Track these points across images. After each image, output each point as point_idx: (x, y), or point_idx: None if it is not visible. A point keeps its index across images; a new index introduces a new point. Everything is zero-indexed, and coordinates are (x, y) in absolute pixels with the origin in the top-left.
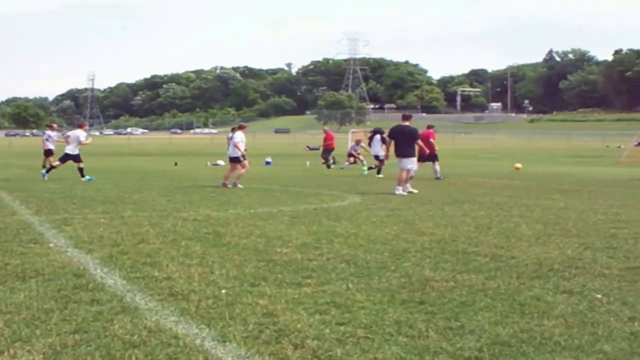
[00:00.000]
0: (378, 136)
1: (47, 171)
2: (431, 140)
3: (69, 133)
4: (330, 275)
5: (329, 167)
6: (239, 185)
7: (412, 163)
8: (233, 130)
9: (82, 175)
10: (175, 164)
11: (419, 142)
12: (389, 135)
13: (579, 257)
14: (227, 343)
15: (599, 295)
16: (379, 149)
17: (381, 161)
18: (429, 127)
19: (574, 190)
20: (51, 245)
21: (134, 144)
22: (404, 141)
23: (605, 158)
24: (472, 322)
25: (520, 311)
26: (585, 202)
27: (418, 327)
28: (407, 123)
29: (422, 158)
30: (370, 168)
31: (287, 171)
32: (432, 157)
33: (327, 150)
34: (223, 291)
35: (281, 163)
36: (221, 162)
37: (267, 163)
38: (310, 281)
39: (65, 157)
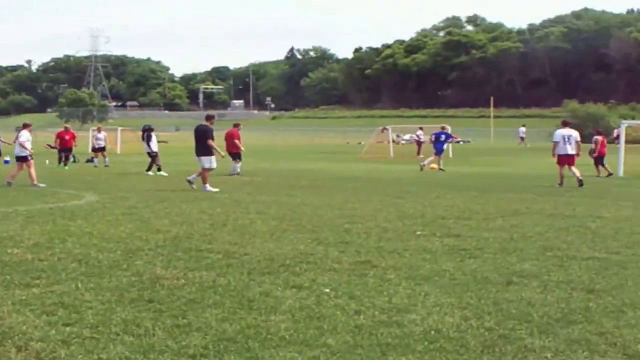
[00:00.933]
0: (151, 133)
1: None
2: (235, 140)
3: None
4: (61, 275)
5: (65, 165)
6: (41, 185)
7: (208, 162)
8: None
9: None
10: None
11: (210, 141)
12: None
13: (311, 252)
14: None
15: (327, 290)
16: (154, 145)
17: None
18: (235, 125)
19: (312, 186)
20: None
21: None
22: (199, 140)
23: (346, 154)
24: (200, 319)
25: (249, 307)
26: (323, 198)
27: (145, 326)
28: (207, 123)
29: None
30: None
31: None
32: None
33: (65, 149)
34: None
35: None
36: None
37: (6, 162)
38: (40, 282)
39: None
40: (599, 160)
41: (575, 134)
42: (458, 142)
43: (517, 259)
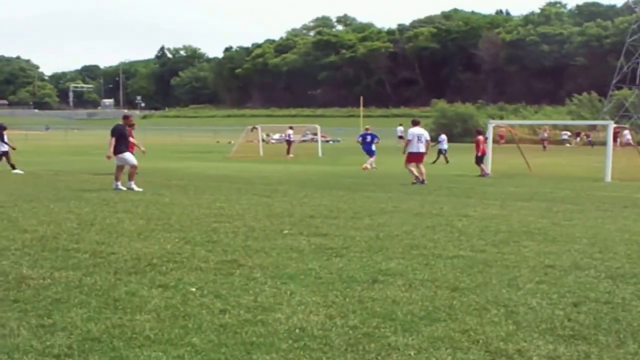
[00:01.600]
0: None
1: None
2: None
3: None
4: None
5: None
6: None
7: (132, 159)
8: None
9: None
10: None
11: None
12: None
13: (178, 252)
14: None
15: (194, 289)
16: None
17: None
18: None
19: (181, 185)
20: None
21: None
22: (119, 139)
23: (216, 154)
24: (65, 319)
25: (115, 306)
26: (191, 197)
27: (10, 326)
28: (123, 122)
29: None
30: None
31: None
32: None
33: None
34: None
35: None
36: None
37: None
38: None
39: None
40: (479, 159)
41: (426, 134)
42: (327, 141)
43: (383, 257)
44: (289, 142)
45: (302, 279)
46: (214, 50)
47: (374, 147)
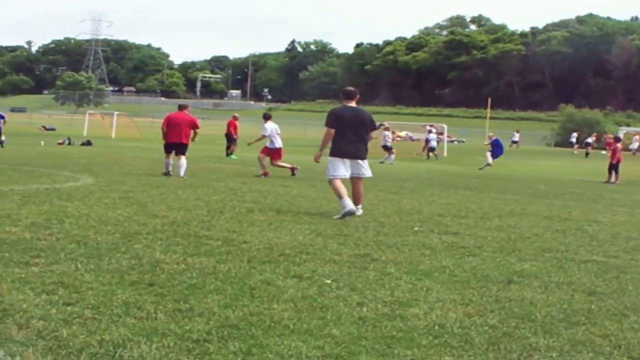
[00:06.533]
0: None
1: None
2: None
3: None
4: (59, 255)
5: None
6: None
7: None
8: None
9: None
10: None
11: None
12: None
13: (310, 243)
14: None
15: (329, 281)
16: None
17: None
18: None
19: (308, 178)
20: None
21: None
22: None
23: None
24: (202, 305)
25: (251, 294)
26: (319, 190)
27: (147, 309)
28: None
29: None
30: None
31: (21, 150)
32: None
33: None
34: None
35: (16, 142)
36: None
37: (0, 142)
38: (39, 261)
39: None
40: (614, 167)
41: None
42: (452, 141)
43: (516, 258)
44: (427, 141)
45: (436, 276)
46: (344, 45)
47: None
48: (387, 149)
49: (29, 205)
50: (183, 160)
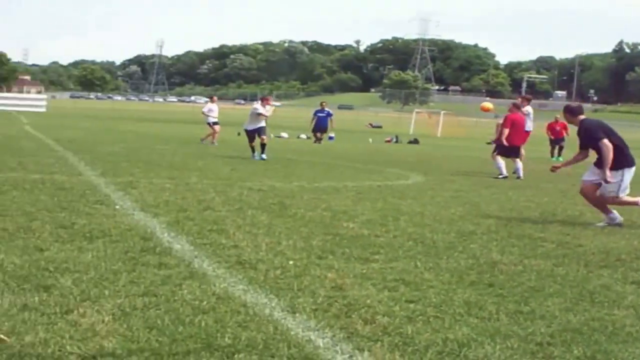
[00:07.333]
0: None
1: None
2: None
3: None
4: (398, 253)
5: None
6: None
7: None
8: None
9: None
10: (238, 134)
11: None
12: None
13: None
14: (297, 314)
15: None
16: None
17: None
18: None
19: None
20: (117, 207)
21: (198, 112)
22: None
23: None
24: (543, 308)
25: (590, 299)
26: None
27: (488, 309)
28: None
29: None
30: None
31: (350, 147)
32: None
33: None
34: (291, 262)
35: (343, 139)
36: (284, 135)
37: (330, 138)
38: (378, 257)
39: None
40: None
41: None
42: None
43: None
44: None
45: None
46: None
47: None
48: None
49: (364, 202)
50: (518, 162)
